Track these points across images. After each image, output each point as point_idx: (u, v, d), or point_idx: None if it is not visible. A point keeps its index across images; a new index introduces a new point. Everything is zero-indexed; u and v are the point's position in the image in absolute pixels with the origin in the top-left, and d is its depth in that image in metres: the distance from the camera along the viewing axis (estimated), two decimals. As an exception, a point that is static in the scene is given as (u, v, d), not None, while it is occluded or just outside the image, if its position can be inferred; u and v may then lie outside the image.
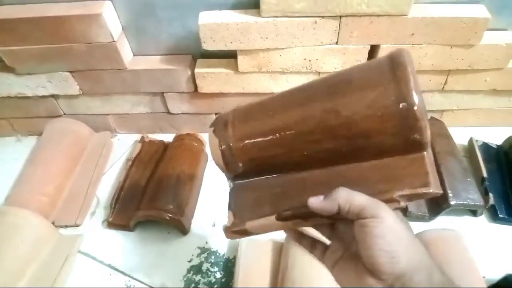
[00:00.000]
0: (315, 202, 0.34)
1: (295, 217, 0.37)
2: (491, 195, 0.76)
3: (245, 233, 0.41)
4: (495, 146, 0.87)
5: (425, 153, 0.34)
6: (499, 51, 0.77)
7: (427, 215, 0.76)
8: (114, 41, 0.78)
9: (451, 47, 0.76)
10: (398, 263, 0.30)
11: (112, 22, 0.77)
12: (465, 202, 0.73)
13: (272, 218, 0.38)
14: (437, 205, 0.75)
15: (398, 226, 0.31)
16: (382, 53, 0.77)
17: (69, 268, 0.73)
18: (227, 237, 0.42)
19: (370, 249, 0.31)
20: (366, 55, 0.79)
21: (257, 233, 0.41)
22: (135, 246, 0.77)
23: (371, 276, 0.32)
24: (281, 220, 0.38)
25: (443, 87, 0.85)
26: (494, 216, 0.77)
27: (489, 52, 0.77)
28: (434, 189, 0.32)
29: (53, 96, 0.92)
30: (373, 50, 0.78)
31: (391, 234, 0.31)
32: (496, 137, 0.89)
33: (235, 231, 0.41)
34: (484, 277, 0.66)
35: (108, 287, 0.71)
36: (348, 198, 0.32)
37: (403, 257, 0.30)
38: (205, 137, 0.93)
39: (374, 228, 0.31)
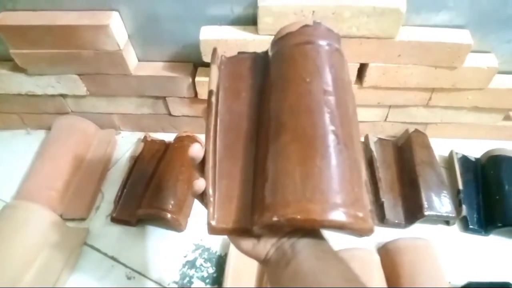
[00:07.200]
0: None
1: None
2: (464, 206, 0.82)
3: None
4: (473, 159, 0.92)
5: None
6: (481, 73, 0.81)
7: (403, 223, 0.82)
8: (120, 50, 0.83)
9: (436, 68, 0.81)
10: None
11: (119, 32, 0.82)
12: (438, 213, 0.79)
13: None
14: (413, 215, 0.81)
15: None
16: (370, 71, 0.82)
17: (76, 259, 0.80)
18: None
19: None
20: (356, 72, 0.84)
21: None
22: (136, 240, 0.84)
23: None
24: None
25: (428, 103, 0.90)
26: (465, 226, 0.83)
27: (472, 73, 0.82)
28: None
29: (61, 95, 0.97)
30: (362, 67, 0.83)
31: None
32: (476, 150, 0.94)
33: None
34: (449, 282, 0.74)
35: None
36: None
37: None
38: (203, 138, 0.99)
39: None
